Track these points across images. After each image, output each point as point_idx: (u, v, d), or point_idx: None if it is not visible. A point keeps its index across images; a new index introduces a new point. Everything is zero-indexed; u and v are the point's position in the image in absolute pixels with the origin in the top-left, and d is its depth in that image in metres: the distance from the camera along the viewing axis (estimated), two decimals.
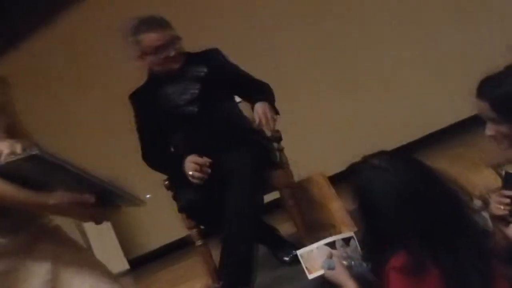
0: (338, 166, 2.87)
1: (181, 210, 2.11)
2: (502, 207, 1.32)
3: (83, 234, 3.61)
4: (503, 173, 1.39)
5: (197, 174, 1.95)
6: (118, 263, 4.28)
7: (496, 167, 1.47)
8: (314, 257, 1.45)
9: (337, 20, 3.86)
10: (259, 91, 2.15)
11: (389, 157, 1.21)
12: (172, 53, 2.07)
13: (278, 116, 2.05)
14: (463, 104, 1.43)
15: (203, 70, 2.14)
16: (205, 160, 1.97)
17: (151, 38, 2.05)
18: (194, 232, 2.15)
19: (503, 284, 1.14)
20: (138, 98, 2.21)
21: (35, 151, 0.87)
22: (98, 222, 1.03)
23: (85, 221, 1.06)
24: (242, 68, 2.26)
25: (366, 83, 3.83)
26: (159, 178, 2.25)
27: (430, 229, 1.13)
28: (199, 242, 2.16)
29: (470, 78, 1.34)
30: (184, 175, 1.97)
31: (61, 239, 1.06)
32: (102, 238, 3.87)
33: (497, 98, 1.29)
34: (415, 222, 1.13)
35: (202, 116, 2.10)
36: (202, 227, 2.17)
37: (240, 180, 1.93)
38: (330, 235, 1.67)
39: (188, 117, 2.11)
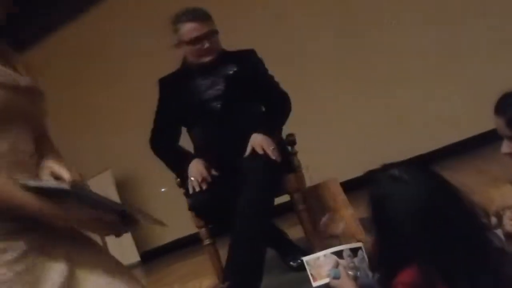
0: (351, 172, 2.85)
1: (190, 208, 2.11)
2: None
3: None
4: None
5: (195, 183, 1.98)
6: (130, 255, 4.33)
7: None
8: (320, 265, 1.42)
9: (357, 25, 3.82)
10: (271, 108, 2.17)
11: (410, 169, 1.17)
12: (206, 45, 2.09)
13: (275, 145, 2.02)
14: (486, 116, 1.38)
15: (232, 69, 2.16)
16: (208, 175, 2.00)
17: (188, 28, 2.10)
18: (202, 231, 2.15)
19: None
20: (167, 84, 2.25)
21: (67, 187, 0.93)
22: (117, 236, 1.05)
23: (106, 235, 1.08)
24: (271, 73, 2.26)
25: (384, 89, 3.78)
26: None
27: (444, 246, 1.09)
28: (207, 241, 2.16)
29: (493, 89, 1.30)
30: (181, 171, 2.00)
31: (75, 236, 1.07)
32: None
33: None
34: (429, 238, 1.09)
35: (223, 113, 2.11)
36: (210, 226, 2.17)
37: (252, 182, 1.91)
38: (339, 243, 1.64)
39: (211, 112, 2.12)
